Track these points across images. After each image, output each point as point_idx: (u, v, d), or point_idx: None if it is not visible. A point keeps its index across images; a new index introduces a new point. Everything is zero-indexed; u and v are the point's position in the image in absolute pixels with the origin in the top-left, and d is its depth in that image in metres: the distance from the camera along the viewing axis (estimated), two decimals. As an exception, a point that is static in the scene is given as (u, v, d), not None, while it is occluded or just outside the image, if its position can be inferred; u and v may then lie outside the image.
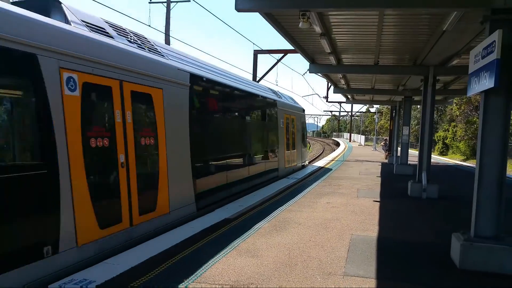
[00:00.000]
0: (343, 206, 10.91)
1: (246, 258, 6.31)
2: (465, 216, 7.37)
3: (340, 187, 14.35)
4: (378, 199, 12.15)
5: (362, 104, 56.88)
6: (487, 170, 6.18)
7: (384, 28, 9.85)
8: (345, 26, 10.17)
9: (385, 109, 70.95)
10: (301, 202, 11.25)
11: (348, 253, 6.74)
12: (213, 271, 5.73)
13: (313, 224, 8.69)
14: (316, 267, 6.00)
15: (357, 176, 18.14)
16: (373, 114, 73.32)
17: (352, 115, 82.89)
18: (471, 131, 39.45)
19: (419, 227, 8.98)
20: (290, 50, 28.13)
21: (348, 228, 8.44)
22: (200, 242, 7.09)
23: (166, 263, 5.99)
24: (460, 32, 9.37)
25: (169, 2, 30.28)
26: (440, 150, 49.54)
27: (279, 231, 8.02)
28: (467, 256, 6.12)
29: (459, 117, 44.03)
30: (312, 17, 8.41)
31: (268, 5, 7.52)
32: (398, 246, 7.33)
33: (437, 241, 7.69)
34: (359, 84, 21.65)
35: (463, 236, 6.35)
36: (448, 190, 14.36)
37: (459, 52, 11.38)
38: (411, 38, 10.89)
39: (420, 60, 12.78)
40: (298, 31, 10.58)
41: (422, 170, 12.93)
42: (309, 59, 14.33)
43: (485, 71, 5.86)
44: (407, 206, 11.40)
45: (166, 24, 30.43)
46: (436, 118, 53.65)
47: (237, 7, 7.21)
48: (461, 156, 42.51)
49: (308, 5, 7.10)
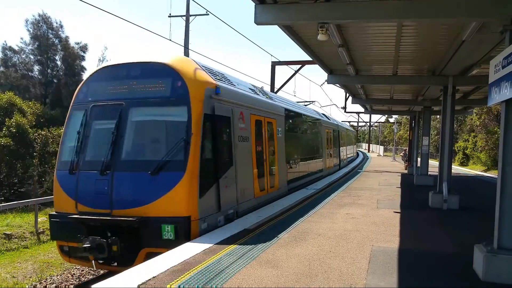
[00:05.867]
0: (363, 217, 10.85)
1: (266, 269, 6.33)
2: (488, 227, 7.25)
3: (359, 198, 14.27)
4: (398, 210, 12.04)
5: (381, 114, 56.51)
6: (509, 180, 6.10)
7: (403, 39, 9.87)
8: (363, 37, 10.22)
9: (404, 119, 70.29)
10: (320, 213, 11.22)
11: (369, 264, 6.70)
12: (234, 281, 5.76)
13: (333, 235, 8.67)
14: (337, 279, 5.99)
15: (377, 187, 18.00)
16: (391, 124, 72.69)
17: (371, 126, 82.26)
18: (492, 141, 38.75)
19: (441, 238, 8.88)
20: (307, 61, 28.19)
21: (369, 239, 8.39)
22: (220, 252, 7.13)
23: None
24: (479, 42, 9.33)
25: (188, 16, 30.78)
26: (461, 160, 48.76)
27: (299, 242, 8.02)
28: (490, 268, 6.02)
29: (479, 127, 43.32)
30: (331, 29, 8.50)
31: (287, 18, 7.65)
32: (420, 258, 7.26)
33: (459, 253, 7.59)
34: (377, 94, 21.59)
35: (486, 247, 6.26)
36: (470, 201, 14.14)
37: (478, 62, 11.30)
38: (430, 48, 10.88)
39: (439, 70, 12.71)
40: (316, 43, 10.66)
41: (443, 180, 12.77)
42: (327, 70, 14.40)
43: (506, 81, 5.83)
44: (428, 217, 11.27)
45: (185, 37, 30.86)
46: (456, 128, 52.89)
47: (256, 21, 7.35)
48: (482, 166, 41.76)
49: (326, 17, 7.19)
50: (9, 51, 33.76)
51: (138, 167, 8.45)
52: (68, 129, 9.49)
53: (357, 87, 18.29)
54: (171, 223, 7.90)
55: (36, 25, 33.31)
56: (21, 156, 24.13)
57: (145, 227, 7.98)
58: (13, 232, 14.89)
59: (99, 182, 8.41)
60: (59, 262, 12.73)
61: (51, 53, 34.00)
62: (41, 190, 23.85)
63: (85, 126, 9.03)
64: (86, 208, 8.44)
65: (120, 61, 9.51)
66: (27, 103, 27.81)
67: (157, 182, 8.18)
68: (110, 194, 8.28)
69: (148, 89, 8.87)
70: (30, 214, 17.82)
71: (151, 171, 8.19)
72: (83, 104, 9.25)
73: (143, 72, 9.05)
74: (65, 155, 9.26)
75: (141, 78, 9.00)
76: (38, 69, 34.47)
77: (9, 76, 32.99)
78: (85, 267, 11.82)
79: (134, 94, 8.88)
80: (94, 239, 7.87)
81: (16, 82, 32.68)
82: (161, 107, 8.83)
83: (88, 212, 8.39)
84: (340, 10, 7.22)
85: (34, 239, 15.00)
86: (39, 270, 12.06)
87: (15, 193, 22.68)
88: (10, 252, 13.64)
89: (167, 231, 7.94)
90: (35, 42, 33.51)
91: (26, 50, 33.95)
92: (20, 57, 34.01)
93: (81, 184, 8.60)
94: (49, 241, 15.06)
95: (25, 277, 11.53)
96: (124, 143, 8.68)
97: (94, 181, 8.48)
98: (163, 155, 8.34)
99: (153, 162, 8.33)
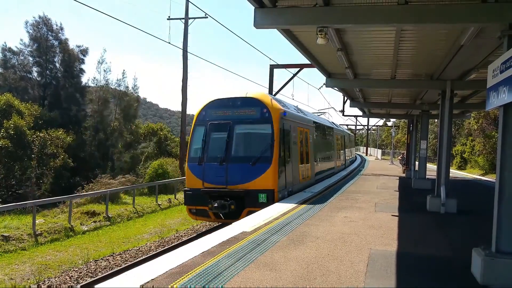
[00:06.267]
0: (361, 220, 10.87)
1: (264, 272, 6.34)
2: (485, 231, 7.28)
3: (357, 201, 14.29)
4: (396, 214, 12.06)
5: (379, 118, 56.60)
6: (507, 184, 6.13)
7: (401, 43, 9.91)
8: (362, 41, 10.26)
9: (402, 123, 70.40)
10: (318, 216, 11.24)
11: (367, 267, 6.72)
12: (232, 284, 5.77)
13: (331, 238, 8.69)
14: (335, 282, 6.00)
15: (375, 190, 18.04)
16: (389, 128, 72.80)
17: (369, 129, 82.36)
18: (490, 145, 38.83)
19: (439, 242, 8.90)
20: (306, 64, 28.20)
21: (367, 243, 8.41)
22: (218, 254, 7.15)
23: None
24: (477, 46, 9.38)
25: (187, 19, 30.84)
26: (458, 164, 48.84)
27: (297, 245, 8.04)
28: (488, 272, 6.05)
29: (476, 131, 43.39)
30: (330, 33, 8.53)
31: (286, 22, 7.69)
32: (418, 261, 7.28)
33: (457, 256, 7.62)
34: (376, 98, 21.64)
35: (484, 251, 6.28)
36: (467, 204, 14.17)
37: (477, 66, 11.35)
38: (428, 53, 10.92)
39: (438, 74, 12.76)
40: (315, 46, 10.71)
41: (440, 184, 12.81)
42: (325, 74, 14.43)
43: (504, 86, 5.86)
44: (426, 221, 11.30)
45: (184, 40, 30.92)
46: (454, 132, 52.98)
47: (256, 24, 7.38)
48: (480, 170, 41.83)
49: (326, 21, 7.22)
50: (9, 52, 33.73)
51: (242, 160, 13.89)
52: (193, 138, 14.86)
53: (355, 91, 18.34)
54: (264, 193, 13.34)
55: (36, 26, 33.28)
56: (19, 158, 24.12)
57: (247, 195, 13.38)
58: (10, 234, 14.86)
59: (219, 169, 13.76)
60: (57, 264, 12.73)
61: (50, 55, 33.96)
62: (39, 192, 23.82)
63: (205, 136, 14.33)
64: (210, 185, 13.80)
65: (225, 96, 14.91)
66: (25, 104, 27.77)
67: (254, 169, 13.60)
68: (226, 176, 13.64)
69: (245, 113, 14.19)
70: (27, 216, 17.79)
71: (250, 163, 13.62)
72: (203, 122, 14.58)
73: (242, 103, 14.34)
74: (193, 153, 14.64)
75: (240, 107, 14.28)
76: (37, 70, 34.43)
77: (8, 77, 32.93)
78: (83, 270, 12.10)
79: (236, 116, 14.19)
80: (221, 202, 13.20)
81: (15, 84, 32.62)
82: (254, 125, 14.18)
83: (211, 187, 13.77)
84: (339, 14, 7.25)
85: (32, 241, 14.97)
86: (37, 272, 12.03)
87: (12, 195, 22.64)
88: (7, 254, 13.62)
89: (262, 197, 13.34)
90: (34, 43, 33.46)
91: (25, 52, 33.94)
92: (19, 59, 33.95)
93: (206, 171, 13.92)
94: (47, 243, 15.06)
95: (23, 279, 11.51)
96: (233, 146, 14.08)
97: (215, 169, 13.82)
98: (257, 154, 13.79)
99: (251, 157, 13.76)
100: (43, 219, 17.65)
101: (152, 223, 19.11)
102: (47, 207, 19.96)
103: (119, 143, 35.89)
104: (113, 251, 14.15)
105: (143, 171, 30.80)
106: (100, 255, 13.67)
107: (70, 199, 18.52)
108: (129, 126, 37.08)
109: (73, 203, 18.75)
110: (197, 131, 14.71)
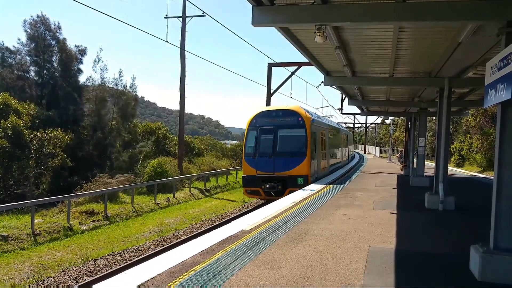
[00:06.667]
0: (359, 218, 10.90)
1: (263, 270, 6.35)
2: (483, 227, 7.30)
3: (356, 199, 14.32)
4: (395, 211, 12.09)
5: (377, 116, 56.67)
6: (505, 182, 6.15)
7: (399, 41, 9.92)
8: (360, 39, 10.27)
9: (400, 120, 70.46)
10: (317, 214, 11.26)
11: (366, 265, 6.74)
12: (231, 282, 5.78)
13: (330, 236, 8.71)
14: (334, 279, 6.02)
15: (373, 188, 18.07)
16: (388, 125, 72.89)
17: (367, 127, 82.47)
18: (488, 143, 38.90)
19: (437, 239, 8.93)
20: (304, 62, 28.28)
21: (366, 240, 8.44)
22: (218, 253, 7.16)
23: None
24: (475, 44, 9.39)
25: (184, 18, 30.77)
26: (456, 161, 48.92)
27: (296, 243, 8.06)
28: (486, 268, 6.07)
29: (474, 128, 43.43)
30: (328, 31, 8.53)
31: (284, 20, 7.69)
32: (417, 258, 7.31)
33: (456, 253, 7.65)
34: (374, 96, 21.67)
35: (482, 248, 6.31)
36: (466, 202, 14.22)
37: (474, 64, 11.37)
38: (426, 50, 10.94)
39: (436, 72, 12.79)
40: (313, 45, 10.72)
41: (439, 181, 12.84)
42: (323, 72, 14.44)
43: (502, 83, 5.88)
44: (425, 218, 11.33)
45: (182, 39, 30.87)
46: (452, 130, 53.03)
47: (253, 23, 7.38)
48: (478, 167, 41.91)
49: (324, 19, 7.23)
50: (6, 52, 33.51)
51: (285, 155, 19.26)
52: (247, 139, 20.38)
53: (353, 89, 18.36)
54: (301, 177, 18.79)
55: (34, 26, 33.09)
56: (17, 157, 24.04)
57: (289, 179, 18.78)
58: (9, 233, 14.83)
59: (268, 161, 19.32)
60: (56, 264, 12.72)
61: (47, 54, 33.78)
62: (37, 191, 23.75)
63: (257, 137, 19.88)
64: (261, 173, 19.29)
65: (270, 108, 21.93)
66: (22, 104, 27.68)
67: (294, 161, 19.08)
68: (273, 166, 19.11)
69: (286, 121, 19.80)
70: (26, 215, 17.75)
71: (291, 156, 19.15)
72: (255, 127, 20.09)
73: (283, 113, 20.01)
74: (248, 150, 20.12)
75: (282, 116, 19.89)
76: (35, 70, 34.23)
77: (5, 76, 32.77)
78: (82, 269, 12.17)
79: (279, 123, 19.72)
80: (272, 184, 18.71)
81: (12, 83, 32.44)
82: (293, 129, 19.74)
83: (263, 174, 19.24)
84: (338, 12, 7.26)
85: (30, 240, 14.95)
86: (36, 272, 12.02)
87: (11, 195, 22.56)
88: (6, 254, 13.59)
89: (300, 180, 18.63)
90: (31, 43, 33.29)
91: (22, 51, 33.73)
92: (16, 58, 33.78)
93: (259, 162, 19.50)
94: (45, 243, 15.05)
95: (22, 279, 11.49)
96: (278, 144, 19.53)
97: (265, 161, 19.35)
98: (296, 150, 19.27)
99: (291, 152, 19.26)
100: (41, 218, 17.62)
101: (151, 222, 19.12)
102: (45, 206, 19.91)
103: (117, 142, 35.76)
104: (112, 250, 14.14)
105: (141, 170, 30.68)
106: (99, 255, 13.67)
107: (68, 199, 18.49)
108: (127, 125, 36.94)
109: (71, 202, 18.72)
110: (250, 134, 20.35)
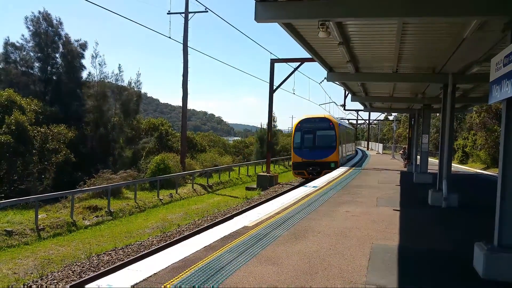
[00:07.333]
0: (362, 214, 10.87)
1: (266, 266, 6.35)
2: (487, 225, 7.27)
3: (359, 196, 14.29)
4: (398, 208, 12.06)
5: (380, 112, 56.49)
6: (510, 179, 6.11)
7: (403, 37, 9.84)
8: (363, 35, 10.21)
9: (403, 117, 70.26)
10: (320, 211, 11.25)
11: (369, 262, 6.73)
12: (234, 278, 5.78)
13: (332, 233, 8.69)
14: (337, 276, 6.01)
15: (376, 185, 18.04)
16: (391, 122, 72.70)
17: (370, 123, 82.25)
18: (492, 139, 38.75)
19: (441, 236, 8.91)
20: (307, 58, 28.18)
21: (369, 237, 8.42)
22: (220, 249, 7.16)
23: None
24: (480, 39, 9.32)
25: (187, 13, 30.72)
26: (460, 158, 48.76)
27: (299, 239, 8.05)
28: (490, 266, 6.05)
29: (478, 125, 43.23)
30: (331, 26, 8.48)
31: (287, 16, 7.64)
32: (420, 256, 7.29)
33: (459, 250, 7.63)
34: (377, 92, 21.57)
35: (486, 245, 6.28)
36: (469, 199, 14.17)
37: (479, 60, 11.28)
38: (431, 46, 10.86)
39: (440, 68, 12.71)
40: (316, 40, 10.66)
41: (442, 178, 12.78)
42: (326, 68, 14.37)
43: (507, 79, 5.83)
44: (428, 215, 11.30)
45: (184, 35, 30.83)
46: (456, 126, 52.84)
47: (256, 18, 7.34)
48: (482, 164, 41.78)
49: (327, 15, 7.18)
50: (11, 47, 33.59)
51: (321, 148, 29.14)
52: (295, 138, 29.96)
53: (356, 85, 18.28)
54: (333, 163, 28.35)
55: (36, 22, 33.14)
56: (21, 153, 24.12)
57: (324, 164, 28.13)
58: (13, 228, 14.90)
59: (310, 151, 29.07)
60: (60, 259, 12.77)
61: (51, 50, 33.84)
62: (41, 187, 23.85)
63: (301, 137, 29.61)
64: (305, 160, 28.75)
65: (311, 116, 31.03)
66: (26, 100, 27.75)
67: (327, 151, 28.99)
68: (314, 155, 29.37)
69: (321, 125, 29.84)
70: (30, 211, 17.83)
71: (325, 148, 29.03)
72: (300, 129, 29.72)
73: (319, 120, 30.30)
74: (296, 145, 29.75)
75: (318, 122, 30.06)
76: (38, 66, 34.28)
77: (9, 72, 32.85)
78: (85, 264, 12.22)
79: (317, 126, 29.73)
80: (314, 167, 28.26)
81: (16, 79, 32.53)
82: (326, 130, 29.44)
83: (306, 160, 28.71)
84: (341, 7, 7.20)
85: (34, 235, 15.02)
86: (40, 267, 12.08)
87: (15, 190, 22.64)
88: (11, 249, 13.67)
89: (332, 165, 27.91)
90: (35, 39, 33.34)
91: (26, 47, 33.80)
92: (20, 54, 33.85)
93: (303, 152, 29.16)
94: (49, 238, 15.13)
95: (26, 273, 11.55)
96: (316, 141, 29.49)
97: (308, 151, 29.11)
98: (328, 144, 29.20)
99: (326, 146, 29.16)
100: (45, 214, 17.68)
101: (153, 218, 19.17)
102: (49, 202, 19.97)
103: (120, 138, 35.81)
104: (115, 246, 14.19)
105: (144, 166, 30.76)
106: (102, 250, 13.71)
107: (72, 194, 18.54)
108: (130, 121, 36.97)
109: (75, 198, 18.77)
110: (297, 134, 29.80)
